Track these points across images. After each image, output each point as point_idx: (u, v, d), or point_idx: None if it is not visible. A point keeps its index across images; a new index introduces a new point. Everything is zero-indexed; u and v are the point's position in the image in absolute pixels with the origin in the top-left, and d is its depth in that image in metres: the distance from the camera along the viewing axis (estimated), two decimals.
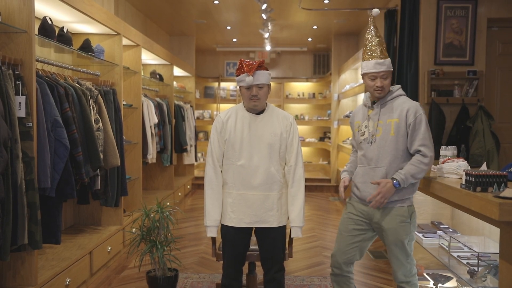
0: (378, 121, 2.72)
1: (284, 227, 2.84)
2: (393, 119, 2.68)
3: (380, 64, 2.69)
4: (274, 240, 2.80)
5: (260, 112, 2.79)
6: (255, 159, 2.71)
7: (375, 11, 2.82)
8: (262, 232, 2.80)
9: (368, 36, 2.80)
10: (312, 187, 9.06)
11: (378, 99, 2.76)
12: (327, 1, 6.78)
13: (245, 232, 2.80)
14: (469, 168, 2.93)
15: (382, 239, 2.78)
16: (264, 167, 2.72)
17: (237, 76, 2.74)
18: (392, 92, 2.75)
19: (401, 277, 2.73)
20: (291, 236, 2.90)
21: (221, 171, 2.80)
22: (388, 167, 2.67)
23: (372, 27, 2.80)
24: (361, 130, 2.79)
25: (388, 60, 2.73)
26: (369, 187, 2.70)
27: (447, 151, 3.40)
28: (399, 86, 2.79)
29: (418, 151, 2.64)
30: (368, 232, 2.81)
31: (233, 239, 2.79)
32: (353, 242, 2.80)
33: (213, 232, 2.79)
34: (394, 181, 2.59)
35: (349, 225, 2.81)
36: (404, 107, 2.68)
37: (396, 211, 2.68)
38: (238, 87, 2.81)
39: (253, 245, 3.01)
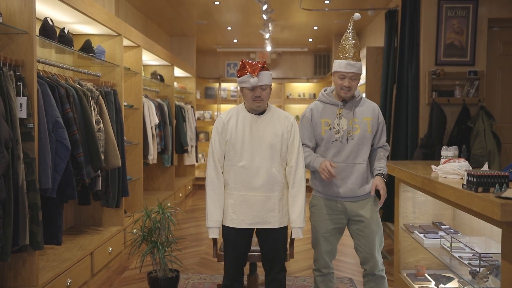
0: (353, 119, 2.81)
1: (285, 228, 2.84)
2: (368, 117, 2.84)
3: (351, 65, 2.75)
4: (276, 241, 2.80)
5: (261, 112, 2.78)
6: (257, 160, 2.71)
7: (356, 15, 2.90)
8: (264, 233, 2.79)
9: (345, 37, 2.84)
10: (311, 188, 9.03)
11: (347, 98, 2.82)
12: (328, 2, 6.78)
13: (246, 233, 2.79)
14: (470, 168, 2.92)
15: (359, 232, 2.86)
16: (265, 168, 2.71)
17: (239, 77, 2.72)
18: (359, 93, 2.90)
19: (380, 265, 2.88)
20: (292, 237, 2.89)
21: (222, 172, 2.80)
22: (366, 162, 2.86)
23: (351, 28, 2.84)
24: (334, 128, 2.81)
25: (359, 63, 2.79)
26: (349, 182, 2.82)
27: (448, 151, 3.40)
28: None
29: (384, 146, 2.95)
30: (344, 225, 2.94)
31: (235, 240, 2.79)
32: (336, 240, 2.93)
33: (215, 233, 2.78)
34: (382, 176, 2.82)
35: (329, 226, 2.88)
36: (375, 107, 2.91)
37: (370, 201, 2.87)
38: (239, 88, 2.80)
39: (254, 246, 3.01)
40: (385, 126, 2.94)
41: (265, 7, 6.45)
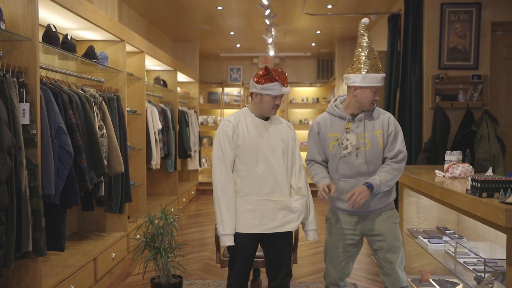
0: (364, 133, 2.68)
1: (291, 231, 2.84)
2: (378, 130, 2.71)
3: (383, 78, 2.71)
4: (284, 244, 2.79)
5: (266, 118, 2.80)
6: (272, 164, 2.71)
7: (365, 20, 2.76)
8: (272, 237, 2.76)
9: (366, 47, 2.71)
10: (316, 192, 9.01)
11: (359, 112, 2.71)
12: (331, 6, 6.78)
13: (257, 238, 2.76)
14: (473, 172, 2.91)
15: (376, 247, 2.76)
16: (280, 172, 2.73)
17: (262, 83, 2.66)
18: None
19: (403, 282, 2.72)
20: (310, 239, 2.88)
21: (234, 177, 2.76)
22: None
23: (367, 36, 2.73)
24: (342, 144, 2.68)
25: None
26: None
27: (452, 156, 3.38)
28: None
29: (393, 157, 2.71)
30: (360, 243, 2.84)
31: (246, 245, 2.74)
32: (347, 257, 2.80)
33: (231, 240, 2.66)
34: (369, 187, 2.61)
35: (340, 242, 2.78)
36: (385, 117, 2.75)
37: (387, 214, 2.75)
38: (254, 93, 2.71)
39: (259, 251, 2.98)
40: (398, 134, 2.73)
41: (267, 12, 6.46)
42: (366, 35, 2.74)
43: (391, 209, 2.79)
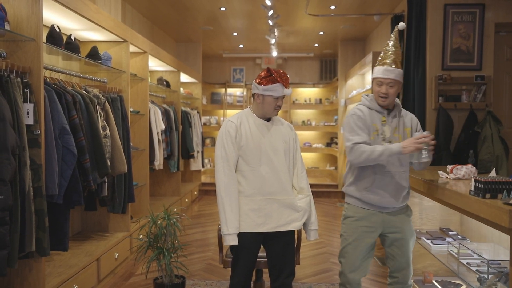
0: (397, 128, 2.79)
1: (294, 231, 2.84)
2: (408, 127, 2.84)
3: (389, 71, 2.73)
4: (289, 243, 2.80)
5: (268, 119, 2.81)
6: (275, 164, 2.73)
7: (401, 24, 2.91)
8: (276, 237, 2.77)
9: (385, 44, 2.84)
10: (319, 193, 9.03)
11: (385, 106, 2.78)
12: (334, 7, 6.78)
13: (261, 238, 2.77)
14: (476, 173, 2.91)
15: (394, 241, 2.83)
16: (283, 172, 2.74)
17: (264, 85, 2.70)
18: (399, 101, 2.88)
19: (410, 274, 2.88)
20: (311, 239, 2.88)
21: (237, 177, 2.76)
22: (407, 172, 2.83)
23: (393, 36, 2.83)
24: (381, 135, 2.76)
25: (399, 70, 2.76)
26: (388, 192, 2.75)
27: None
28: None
29: None
30: (375, 239, 2.89)
31: (251, 245, 2.75)
32: (369, 256, 2.86)
33: (235, 240, 2.67)
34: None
35: (365, 239, 2.81)
36: (412, 117, 2.91)
37: (404, 211, 2.88)
38: (256, 94, 2.75)
39: (261, 252, 2.98)
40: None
41: (270, 12, 6.46)
42: (392, 35, 2.85)
43: (406, 204, 2.91)
